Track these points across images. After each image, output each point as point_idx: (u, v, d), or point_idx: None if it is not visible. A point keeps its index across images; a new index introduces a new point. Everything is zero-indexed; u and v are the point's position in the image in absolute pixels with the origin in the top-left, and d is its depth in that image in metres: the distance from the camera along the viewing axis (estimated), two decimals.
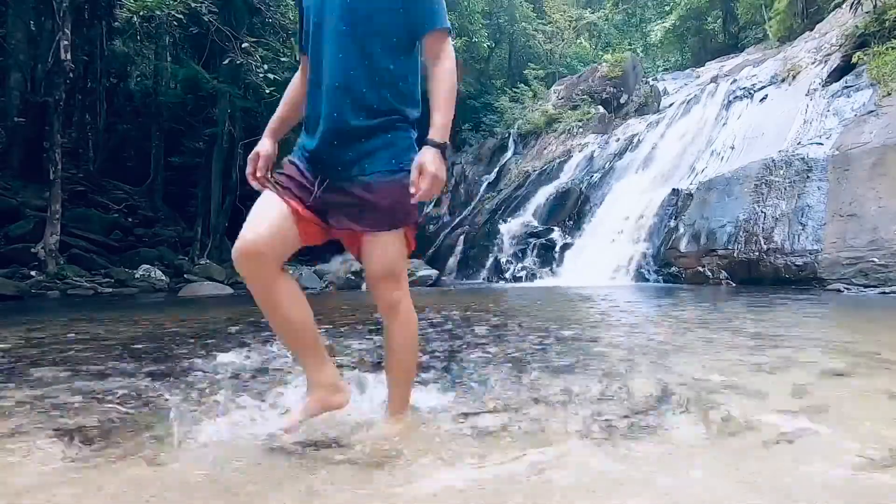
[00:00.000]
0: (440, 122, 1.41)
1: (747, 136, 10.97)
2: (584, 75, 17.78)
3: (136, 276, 9.70)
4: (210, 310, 5.65)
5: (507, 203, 13.90)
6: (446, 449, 1.39)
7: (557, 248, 11.34)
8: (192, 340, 3.29)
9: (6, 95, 11.32)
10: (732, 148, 11.04)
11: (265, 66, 10.17)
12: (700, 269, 8.83)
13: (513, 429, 1.55)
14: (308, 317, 1.54)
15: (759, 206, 8.59)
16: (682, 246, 9.31)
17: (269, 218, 1.45)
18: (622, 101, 16.59)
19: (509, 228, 12.56)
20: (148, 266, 10.24)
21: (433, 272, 10.56)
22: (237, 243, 1.44)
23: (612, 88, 16.69)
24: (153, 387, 2.08)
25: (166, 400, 1.89)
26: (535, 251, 11.64)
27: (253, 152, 1.61)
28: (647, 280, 9.49)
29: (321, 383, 1.56)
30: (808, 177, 8.28)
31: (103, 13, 12.80)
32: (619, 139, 14.23)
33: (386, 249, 1.48)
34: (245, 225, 1.44)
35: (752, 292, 6.80)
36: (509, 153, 17.12)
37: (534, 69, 19.94)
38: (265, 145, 1.62)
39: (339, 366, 2.04)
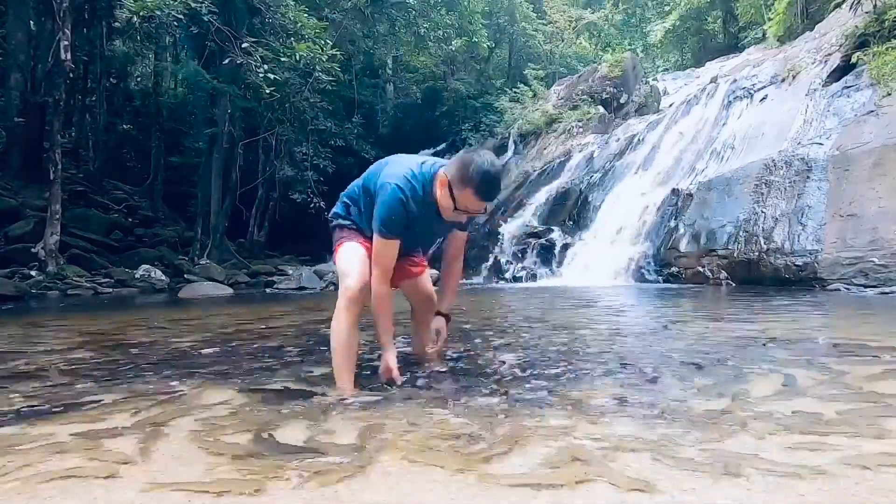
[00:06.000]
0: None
1: (747, 136, 10.95)
2: (584, 75, 17.77)
3: (136, 276, 9.70)
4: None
5: (507, 203, 13.88)
6: None
7: (557, 249, 11.33)
8: None
9: (6, 95, 11.32)
10: (732, 148, 11.03)
11: (265, 67, 10.17)
12: (700, 269, 8.83)
13: None
14: None
15: (759, 206, 8.59)
16: (682, 246, 9.30)
17: None
18: (622, 101, 16.59)
19: (509, 228, 12.54)
20: (148, 266, 10.24)
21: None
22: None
23: (612, 88, 16.69)
24: None
25: None
26: (535, 251, 11.62)
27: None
28: (648, 280, 9.48)
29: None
30: (808, 177, 8.28)
31: (103, 13, 12.80)
32: (619, 139, 14.22)
33: None
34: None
35: (755, 292, 6.79)
36: (509, 153, 17.12)
37: (534, 69, 19.93)
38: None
39: None
